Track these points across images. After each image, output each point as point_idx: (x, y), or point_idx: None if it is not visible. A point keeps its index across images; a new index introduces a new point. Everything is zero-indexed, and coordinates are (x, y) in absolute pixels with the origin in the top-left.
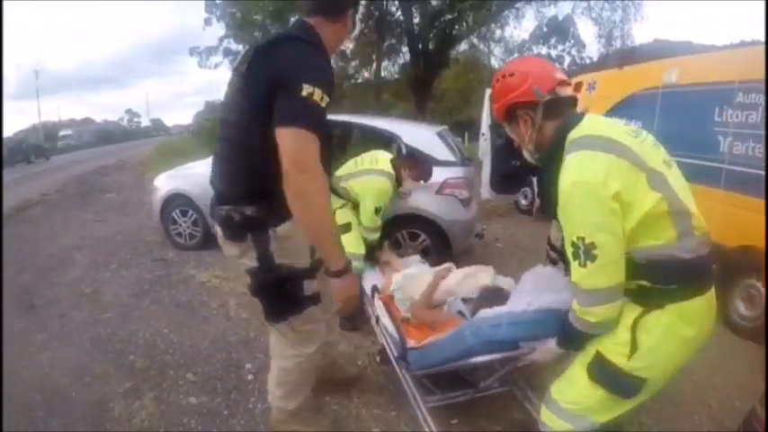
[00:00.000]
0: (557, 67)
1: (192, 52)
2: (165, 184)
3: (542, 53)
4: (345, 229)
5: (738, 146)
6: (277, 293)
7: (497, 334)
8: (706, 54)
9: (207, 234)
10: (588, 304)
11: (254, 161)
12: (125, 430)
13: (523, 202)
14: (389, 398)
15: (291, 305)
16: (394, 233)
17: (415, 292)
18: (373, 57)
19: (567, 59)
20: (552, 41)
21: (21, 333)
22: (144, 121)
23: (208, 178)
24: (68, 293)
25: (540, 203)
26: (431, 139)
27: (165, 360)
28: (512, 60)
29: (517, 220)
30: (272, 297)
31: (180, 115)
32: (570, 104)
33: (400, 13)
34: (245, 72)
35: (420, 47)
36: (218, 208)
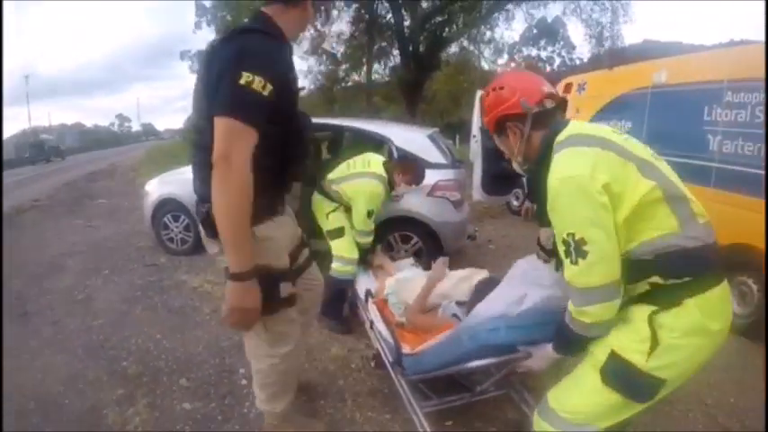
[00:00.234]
0: (544, 80)
1: (183, 56)
2: (156, 189)
3: (532, 54)
4: (338, 233)
5: (728, 144)
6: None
7: (495, 338)
8: (695, 54)
9: (198, 239)
10: (582, 303)
11: None
12: None
13: (515, 203)
14: (383, 400)
15: (266, 305)
16: (386, 236)
17: (409, 296)
18: (364, 60)
19: (557, 61)
20: (542, 43)
21: (14, 340)
22: (135, 126)
23: None
24: (61, 300)
25: (536, 210)
26: (422, 142)
27: (158, 366)
28: (502, 74)
29: (509, 221)
30: None
31: (171, 120)
32: (557, 115)
33: (391, 15)
34: (201, 71)
35: (411, 49)
36: (199, 206)
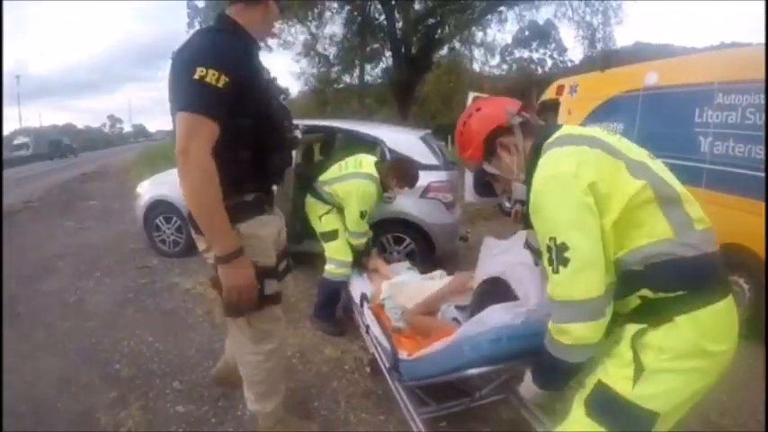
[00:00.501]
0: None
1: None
2: (148, 190)
3: (524, 56)
4: (332, 236)
5: (719, 146)
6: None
7: (497, 349)
8: (686, 57)
9: (191, 241)
10: (562, 320)
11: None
12: None
13: (507, 204)
14: (377, 402)
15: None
16: (379, 237)
17: (406, 300)
18: (356, 61)
19: (548, 63)
20: (534, 45)
21: (5, 342)
22: (126, 127)
23: None
24: (52, 302)
25: (524, 212)
26: (414, 144)
27: (151, 369)
28: (470, 105)
29: (501, 222)
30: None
31: (163, 121)
32: (544, 125)
33: (383, 17)
34: (169, 77)
35: (403, 51)
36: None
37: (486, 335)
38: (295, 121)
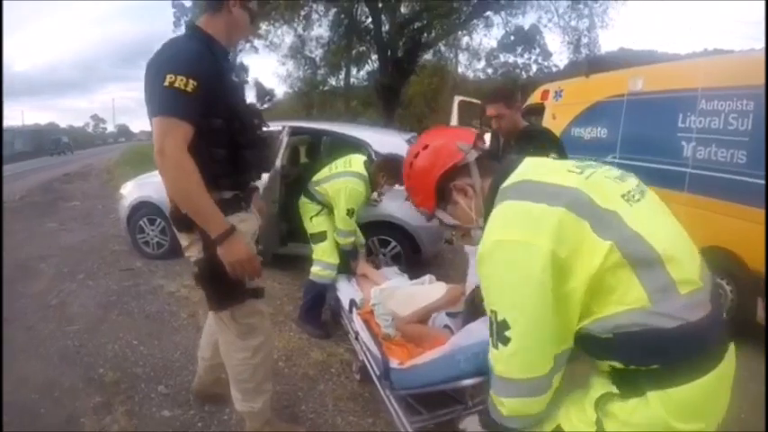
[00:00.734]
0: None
1: None
2: (131, 191)
3: (509, 61)
4: (320, 237)
5: (701, 150)
6: (219, 283)
7: None
8: (669, 63)
9: (175, 243)
10: (499, 393)
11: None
12: None
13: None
14: (365, 405)
15: (233, 295)
16: (365, 240)
17: (396, 306)
18: (342, 63)
19: (533, 68)
20: (519, 50)
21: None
22: (110, 127)
23: None
24: (34, 305)
25: None
26: (401, 147)
27: (136, 373)
28: (417, 141)
29: None
30: (215, 287)
31: (147, 121)
32: (501, 158)
33: (370, 20)
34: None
35: (389, 54)
36: (170, 203)
37: (481, 345)
38: (281, 123)
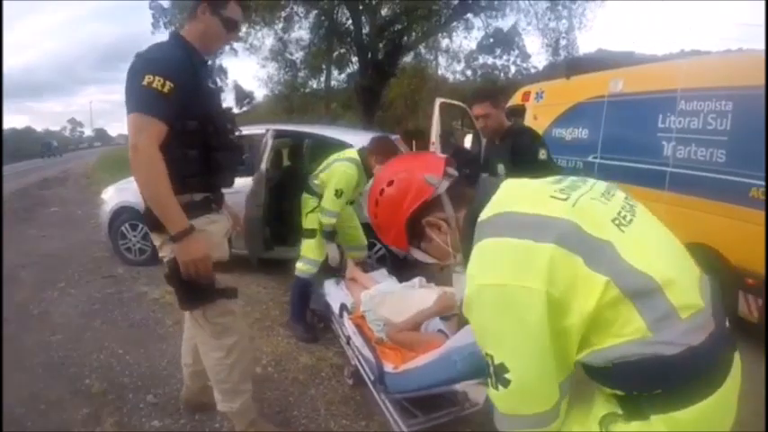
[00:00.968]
0: (429, 152)
1: None
2: (112, 197)
3: (488, 63)
4: (310, 234)
5: (681, 150)
6: (188, 283)
7: None
8: (649, 65)
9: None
10: (504, 427)
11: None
12: None
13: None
14: (357, 408)
15: (203, 295)
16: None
17: (388, 310)
18: (323, 66)
19: (512, 69)
20: (498, 52)
21: None
22: (87, 131)
23: None
24: (15, 315)
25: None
26: None
27: (123, 382)
28: (379, 170)
29: None
30: (185, 286)
31: (125, 124)
32: (474, 183)
33: (350, 22)
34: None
35: (369, 56)
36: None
37: (477, 346)
38: (264, 127)
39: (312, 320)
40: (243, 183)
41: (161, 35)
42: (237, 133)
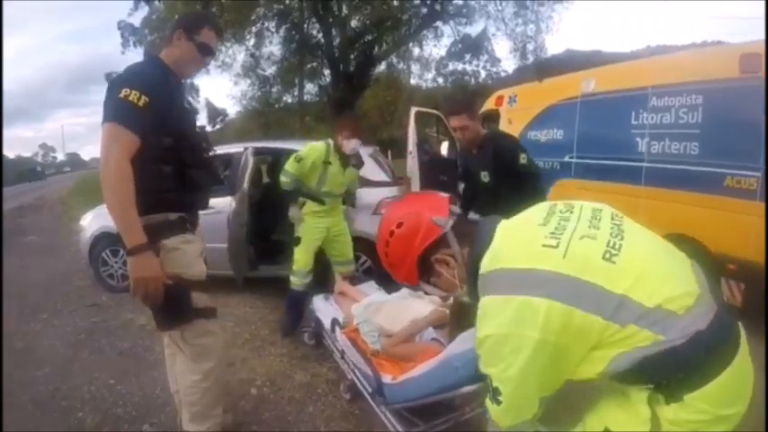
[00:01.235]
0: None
1: (109, 78)
2: (92, 223)
3: (458, 69)
4: (296, 241)
5: (655, 145)
6: (165, 302)
7: None
8: (619, 64)
9: None
10: (493, 429)
11: (139, 178)
12: None
13: None
14: (357, 423)
15: (179, 315)
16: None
17: (383, 321)
18: (295, 80)
19: (482, 74)
20: (467, 57)
21: None
22: (60, 156)
23: None
24: None
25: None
26: (365, 161)
27: (117, 414)
28: (386, 213)
29: None
30: (161, 305)
31: (98, 148)
32: (473, 222)
33: (321, 36)
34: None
35: (341, 68)
36: None
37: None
38: (242, 145)
39: (307, 339)
40: (224, 203)
41: (131, 54)
42: (212, 153)
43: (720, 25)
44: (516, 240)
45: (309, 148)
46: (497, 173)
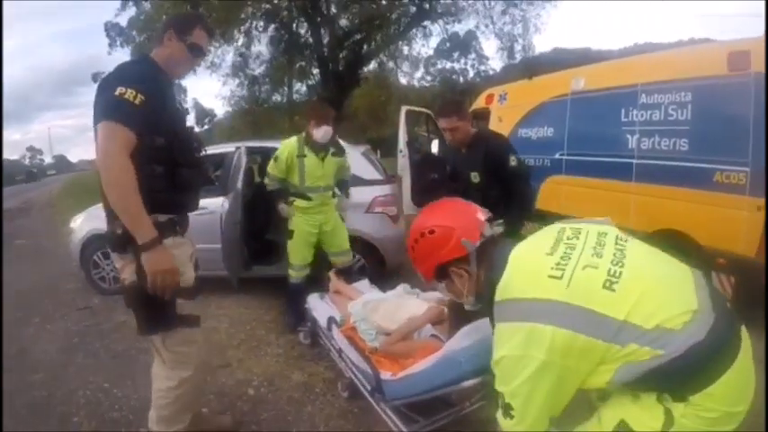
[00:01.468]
0: (470, 203)
1: (96, 78)
2: (82, 225)
3: (447, 68)
4: (290, 235)
5: (645, 141)
6: (149, 307)
7: None
8: (609, 62)
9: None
10: None
11: None
12: None
13: None
14: (356, 421)
15: (162, 321)
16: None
17: (381, 318)
18: (284, 80)
19: (470, 72)
20: (455, 56)
21: None
22: (47, 158)
23: None
24: None
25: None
26: (357, 160)
27: (114, 417)
28: (426, 212)
29: None
30: (145, 310)
31: (85, 149)
32: (497, 241)
33: (310, 35)
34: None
35: (330, 68)
36: (107, 225)
37: (480, 346)
38: (233, 145)
39: (305, 339)
40: (217, 203)
41: (118, 54)
42: (203, 152)
43: (708, 23)
44: (525, 272)
45: (282, 144)
46: (487, 174)
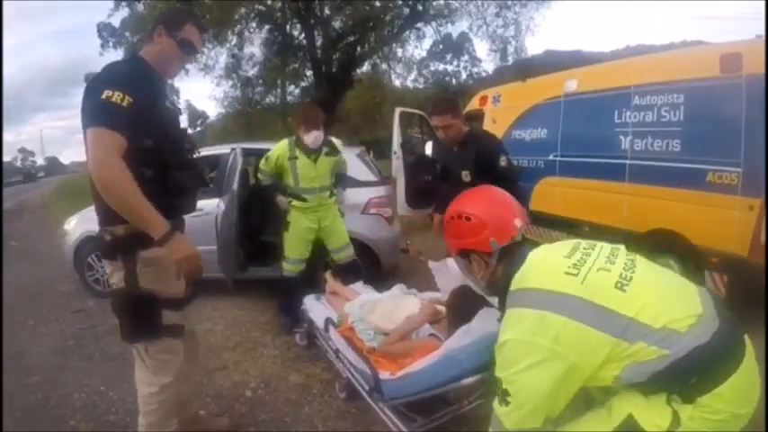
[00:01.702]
0: (514, 206)
1: (88, 79)
2: (76, 227)
3: (440, 69)
4: (286, 227)
5: (638, 143)
6: (135, 315)
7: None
8: (602, 64)
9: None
10: (492, 428)
11: None
12: None
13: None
14: (354, 421)
15: (148, 330)
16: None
17: (378, 318)
18: (278, 81)
19: (463, 74)
20: (448, 58)
21: None
22: (39, 160)
23: None
24: None
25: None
26: (352, 161)
27: (110, 420)
28: (474, 194)
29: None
30: (130, 318)
31: (76, 151)
32: (522, 244)
33: (303, 36)
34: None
35: (323, 69)
36: (99, 232)
37: (480, 343)
38: (228, 146)
39: (300, 341)
40: (212, 204)
41: (110, 55)
42: (197, 154)
43: (700, 25)
44: (543, 267)
45: (277, 147)
46: (478, 173)
